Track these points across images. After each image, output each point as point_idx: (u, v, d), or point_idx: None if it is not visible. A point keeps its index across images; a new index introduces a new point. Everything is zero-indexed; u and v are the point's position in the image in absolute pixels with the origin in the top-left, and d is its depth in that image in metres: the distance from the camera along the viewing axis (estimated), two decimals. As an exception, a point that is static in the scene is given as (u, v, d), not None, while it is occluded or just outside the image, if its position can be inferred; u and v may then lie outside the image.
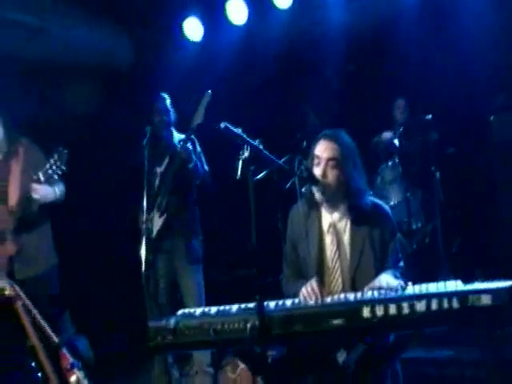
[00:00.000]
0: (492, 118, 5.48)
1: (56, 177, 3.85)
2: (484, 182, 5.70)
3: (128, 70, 6.62)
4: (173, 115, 4.84)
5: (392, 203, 5.51)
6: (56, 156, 3.76)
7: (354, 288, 3.09)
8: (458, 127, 5.46)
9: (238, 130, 2.71)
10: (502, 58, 5.54)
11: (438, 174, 5.25)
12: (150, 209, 4.61)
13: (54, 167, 3.76)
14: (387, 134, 5.82)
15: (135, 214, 4.75)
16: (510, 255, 5.27)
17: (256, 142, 2.75)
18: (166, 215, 4.63)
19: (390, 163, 5.61)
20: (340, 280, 3.16)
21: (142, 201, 4.60)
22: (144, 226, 4.51)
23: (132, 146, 4.86)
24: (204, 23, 6.18)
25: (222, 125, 2.66)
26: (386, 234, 3.19)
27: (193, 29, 6.22)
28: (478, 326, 2.69)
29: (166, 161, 4.71)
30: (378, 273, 3.07)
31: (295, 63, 6.40)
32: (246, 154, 2.68)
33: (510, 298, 2.49)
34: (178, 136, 4.84)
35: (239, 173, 2.66)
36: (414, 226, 5.49)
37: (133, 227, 4.75)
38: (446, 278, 4.44)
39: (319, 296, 2.92)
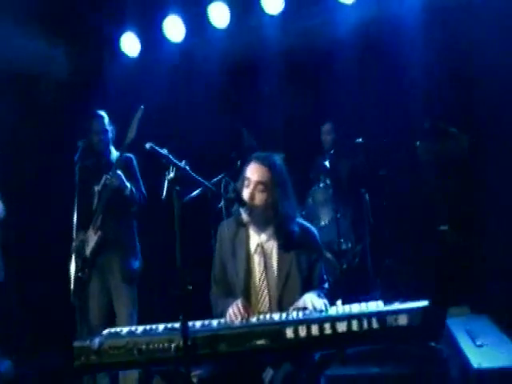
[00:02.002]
0: (418, 143, 5.74)
1: None
2: (411, 204, 5.91)
3: (65, 82, 6.53)
4: (111, 133, 4.80)
5: (322, 223, 5.62)
6: None
7: (281, 308, 3.15)
8: (387, 151, 5.64)
9: (164, 151, 2.72)
10: (430, 88, 5.78)
11: (367, 196, 5.39)
12: (85, 227, 4.61)
13: None
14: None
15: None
16: (436, 275, 5.48)
17: (182, 163, 2.77)
18: (100, 233, 4.58)
19: (321, 184, 5.72)
20: (267, 299, 3.22)
21: (73, 218, 4.57)
22: (74, 244, 4.51)
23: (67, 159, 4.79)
24: (141, 39, 6.17)
25: (148, 145, 2.67)
26: (312, 256, 3.27)
27: (130, 44, 6.19)
28: (396, 344, 2.80)
29: (103, 180, 4.63)
30: (303, 293, 3.14)
31: (232, 82, 6.45)
32: (172, 174, 2.70)
33: (424, 318, 2.61)
34: (116, 153, 4.80)
35: (165, 193, 2.68)
36: (344, 247, 5.60)
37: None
38: (375, 298, 4.57)
39: (244, 317, 2.96)
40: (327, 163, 5.58)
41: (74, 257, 4.46)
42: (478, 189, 5.71)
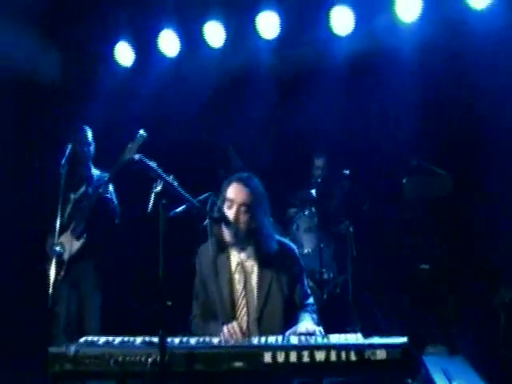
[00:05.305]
0: (405, 180, 5.78)
1: None
2: (394, 240, 5.92)
3: (55, 87, 6.46)
4: (93, 148, 4.94)
5: (306, 251, 5.57)
6: None
7: (260, 328, 3.14)
8: (373, 187, 5.66)
9: (153, 164, 2.70)
10: (417, 128, 5.85)
11: (351, 228, 5.38)
12: (59, 232, 4.61)
13: None
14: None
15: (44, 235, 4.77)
16: (416, 312, 5.47)
17: (170, 178, 2.74)
18: (84, 240, 4.69)
19: (306, 212, 5.69)
20: (245, 319, 3.19)
21: (54, 223, 4.58)
22: (58, 248, 4.59)
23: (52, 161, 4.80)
24: (135, 50, 6.14)
25: (137, 156, 2.64)
26: (293, 273, 3.26)
27: (123, 54, 6.16)
28: (373, 378, 2.78)
29: (82, 190, 4.84)
30: (285, 312, 3.15)
31: (222, 101, 6.45)
32: (159, 187, 2.67)
33: (402, 354, 2.61)
34: (94, 170, 4.98)
35: (150, 206, 2.65)
36: (325, 276, 5.56)
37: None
38: (353, 329, 4.53)
39: (240, 338, 2.95)
40: (314, 191, 5.55)
41: (54, 261, 4.47)
42: (462, 229, 5.75)
